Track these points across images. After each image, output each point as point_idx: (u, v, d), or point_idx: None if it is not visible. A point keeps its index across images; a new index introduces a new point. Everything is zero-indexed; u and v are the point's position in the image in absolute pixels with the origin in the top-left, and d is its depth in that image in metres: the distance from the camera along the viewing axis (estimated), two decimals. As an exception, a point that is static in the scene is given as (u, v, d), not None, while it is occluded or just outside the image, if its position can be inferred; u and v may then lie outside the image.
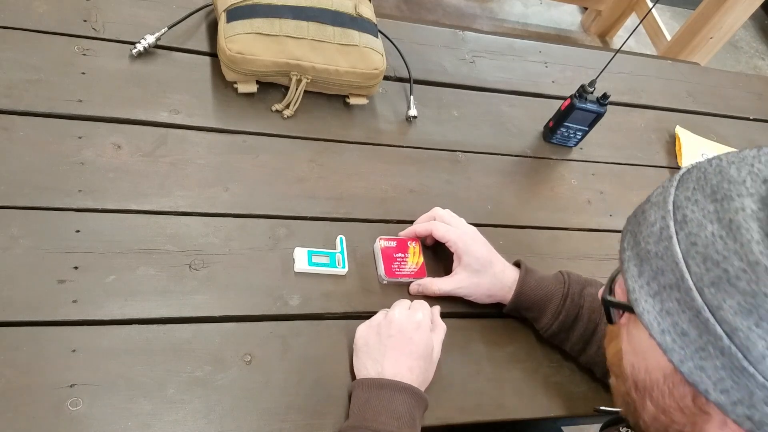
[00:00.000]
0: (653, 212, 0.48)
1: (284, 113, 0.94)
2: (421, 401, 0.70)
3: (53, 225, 0.73)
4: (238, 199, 0.84)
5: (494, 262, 0.81)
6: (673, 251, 0.45)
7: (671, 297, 0.45)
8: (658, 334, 0.45)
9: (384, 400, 0.67)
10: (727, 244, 0.42)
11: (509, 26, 2.78)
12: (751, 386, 0.41)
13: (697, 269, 0.43)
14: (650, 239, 0.47)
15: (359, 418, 0.66)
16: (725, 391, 0.42)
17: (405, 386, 0.68)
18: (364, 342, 0.73)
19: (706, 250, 0.43)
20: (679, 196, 0.47)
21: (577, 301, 0.79)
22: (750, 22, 3.34)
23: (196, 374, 0.68)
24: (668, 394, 0.48)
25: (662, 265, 0.45)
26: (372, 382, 0.69)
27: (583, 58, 1.29)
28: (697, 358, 0.43)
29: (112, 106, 0.85)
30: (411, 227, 0.86)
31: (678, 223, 0.45)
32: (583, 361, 0.83)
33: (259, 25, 0.89)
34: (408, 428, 0.66)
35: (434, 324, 0.77)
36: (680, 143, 1.21)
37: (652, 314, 0.46)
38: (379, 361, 0.70)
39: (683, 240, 0.44)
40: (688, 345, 0.44)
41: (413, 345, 0.71)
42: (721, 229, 0.42)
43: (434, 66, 1.12)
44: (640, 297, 0.47)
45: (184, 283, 0.74)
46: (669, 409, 0.49)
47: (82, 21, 0.92)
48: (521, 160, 1.07)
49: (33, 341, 0.65)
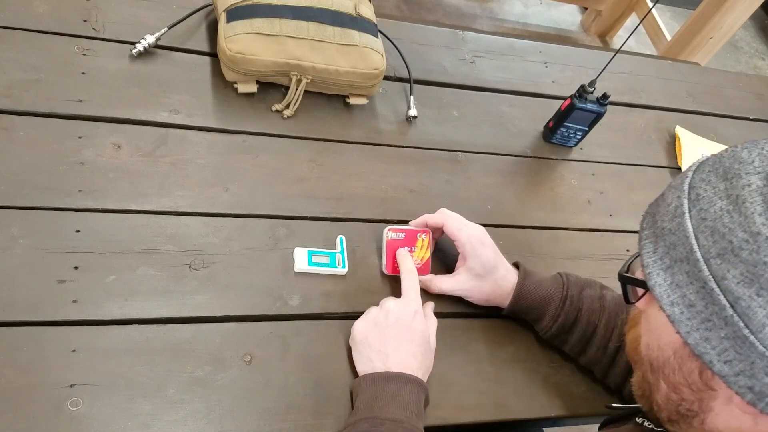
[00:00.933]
0: (671, 193, 0.51)
1: (284, 113, 0.94)
2: (424, 392, 0.70)
3: (53, 225, 0.73)
4: (238, 199, 0.84)
5: (498, 268, 0.81)
6: (685, 226, 0.47)
7: (681, 270, 0.47)
8: (667, 305, 0.47)
9: (391, 392, 0.67)
10: (733, 217, 0.44)
11: (509, 26, 2.78)
12: (752, 356, 0.43)
13: (705, 242, 0.45)
14: (666, 217, 0.50)
15: (366, 411, 0.66)
16: (728, 362, 0.44)
17: (409, 377, 0.69)
18: (363, 336, 0.73)
19: (714, 223, 0.45)
20: (695, 178, 0.49)
21: (576, 303, 0.79)
22: (750, 22, 3.34)
23: (196, 374, 0.68)
24: (678, 369, 0.51)
25: (674, 240, 0.48)
26: (376, 377, 0.69)
27: (583, 58, 1.29)
28: (703, 329, 0.45)
29: (112, 106, 0.85)
30: (421, 217, 0.84)
31: (691, 201, 0.48)
32: (583, 362, 0.83)
33: (259, 25, 0.89)
34: (416, 417, 0.66)
35: (427, 316, 0.77)
36: (680, 143, 1.21)
37: (663, 287, 0.48)
38: (383, 351, 0.70)
39: (695, 216, 0.47)
40: (695, 316, 0.46)
41: (412, 332, 0.72)
42: (729, 204, 0.45)
43: (434, 66, 1.12)
44: (653, 271, 0.49)
45: (184, 283, 0.74)
46: (679, 385, 0.51)
47: (82, 21, 0.92)
48: (521, 160, 1.07)
49: (33, 341, 0.65)
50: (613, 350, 0.78)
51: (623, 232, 1.02)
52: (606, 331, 0.79)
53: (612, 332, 0.78)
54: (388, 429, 0.63)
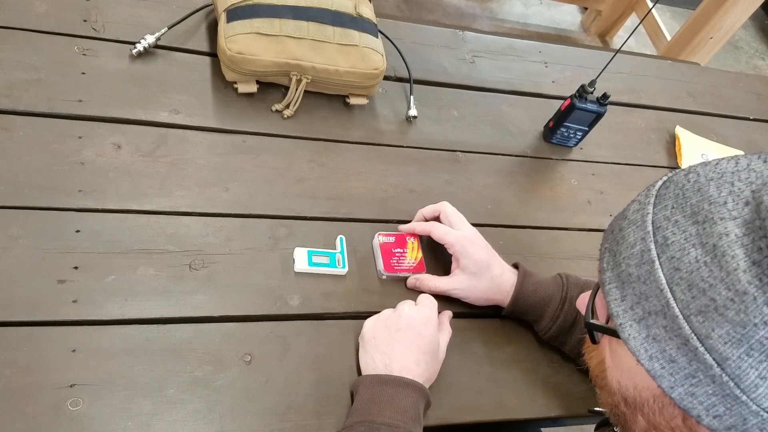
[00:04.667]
0: (632, 232, 0.46)
1: (284, 113, 0.94)
2: (425, 397, 0.70)
3: (53, 225, 0.73)
4: (238, 199, 0.84)
5: (492, 266, 0.81)
6: (656, 276, 0.43)
7: (657, 324, 0.43)
8: (646, 360, 0.44)
9: (388, 396, 0.67)
10: (713, 271, 0.40)
11: (509, 26, 2.78)
12: (744, 413, 0.41)
13: (682, 296, 0.42)
14: (631, 261, 0.45)
15: (363, 413, 0.66)
16: (718, 417, 0.42)
17: (409, 381, 0.68)
18: (371, 335, 0.73)
19: (691, 276, 0.41)
20: (657, 215, 0.45)
21: (576, 304, 0.79)
22: (750, 22, 3.34)
23: (196, 374, 0.68)
24: (658, 412, 0.48)
25: (646, 290, 0.44)
26: (376, 379, 0.69)
27: (583, 58, 1.29)
28: (688, 385, 0.42)
29: (112, 106, 0.85)
30: (410, 224, 0.86)
31: (659, 246, 0.44)
32: (582, 363, 0.83)
33: (259, 25, 0.89)
34: (413, 422, 0.66)
35: (442, 325, 0.77)
36: (680, 143, 1.21)
37: (638, 340, 0.44)
38: (388, 354, 0.70)
39: (666, 264, 0.43)
40: (678, 372, 0.43)
41: (421, 339, 0.72)
42: (705, 255, 0.41)
43: (434, 66, 1.12)
44: (624, 322, 0.45)
45: (184, 283, 0.74)
46: (660, 426, 0.48)
47: (82, 21, 0.92)
48: (521, 160, 1.07)
49: (33, 341, 0.65)
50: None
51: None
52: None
53: (611, 333, 0.78)
54: None
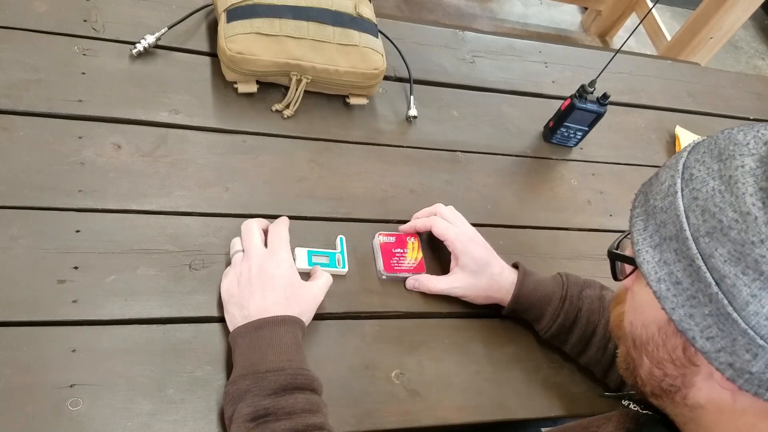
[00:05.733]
0: (665, 173, 0.51)
1: (284, 113, 0.94)
2: (298, 325, 0.69)
3: (53, 225, 0.73)
4: (238, 199, 0.84)
5: (492, 264, 0.81)
6: (677, 205, 0.48)
7: (670, 248, 0.48)
8: (654, 282, 0.48)
9: (266, 339, 0.66)
10: (725, 197, 0.45)
11: (509, 26, 2.78)
12: (734, 332, 0.44)
13: (695, 221, 0.46)
14: (658, 196, 0.50)
15: (246, 365, 0.65)
16: (711, 339, 0.45)
17: (282, 318, 0.67)
18: (228, 294, 0.71)
19: (706, 203, 0.46)
20: (690, 158, 0.50)
21: (576, 303, 0.80)
22: (750, 22, 3.34)
23: (196, 374, 0.68)
24: (662, 345, 0.52)
25: (665, 218, 0.49)
26: (248, 327, 0.67)
27: (583, 58, 1.29)
28: (688, 306, 0.46)
29: (112, 106, 0.85)
30: (411, 222, 0.86)
31: (684, 181, 0.48)
32: (582, 362, 0.83)
33: (259, 25, 0.89)
34: (296, 356, 0.66)
35: (315, 275, 0.76)
36: (680, 143, 1.21)
37: (651, 264, 0.49)
38: (246, 306, 0.69)
39: (687, 195, 0.48)
40: (681, 293, 0.47)
41: (276, 280, 0.71)
42: (721, 184, 0.45)
43: (434, 66, 1.12)
44: (642, 248, 0.50)
45: (184, 283, 0.74)
46: (662, 361, 0.52)
47: (82, 21, 0.92)
48: (521, 160, 1.07)
49: (33, 341, 0.65)
50: (613, 350, 0.78)
51: (623, 232, 1.02)
52: (606, 331, 0.79)
53: (612, 332, 0.79)
54: (270, 382, 0.63)
